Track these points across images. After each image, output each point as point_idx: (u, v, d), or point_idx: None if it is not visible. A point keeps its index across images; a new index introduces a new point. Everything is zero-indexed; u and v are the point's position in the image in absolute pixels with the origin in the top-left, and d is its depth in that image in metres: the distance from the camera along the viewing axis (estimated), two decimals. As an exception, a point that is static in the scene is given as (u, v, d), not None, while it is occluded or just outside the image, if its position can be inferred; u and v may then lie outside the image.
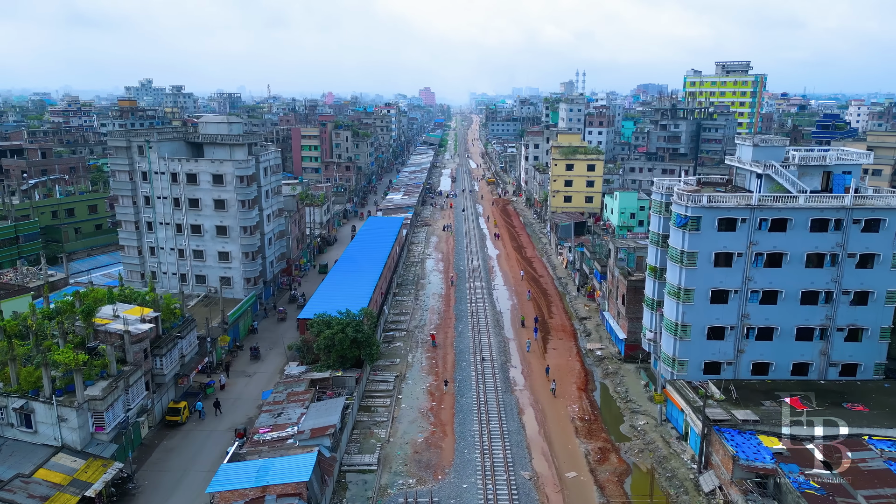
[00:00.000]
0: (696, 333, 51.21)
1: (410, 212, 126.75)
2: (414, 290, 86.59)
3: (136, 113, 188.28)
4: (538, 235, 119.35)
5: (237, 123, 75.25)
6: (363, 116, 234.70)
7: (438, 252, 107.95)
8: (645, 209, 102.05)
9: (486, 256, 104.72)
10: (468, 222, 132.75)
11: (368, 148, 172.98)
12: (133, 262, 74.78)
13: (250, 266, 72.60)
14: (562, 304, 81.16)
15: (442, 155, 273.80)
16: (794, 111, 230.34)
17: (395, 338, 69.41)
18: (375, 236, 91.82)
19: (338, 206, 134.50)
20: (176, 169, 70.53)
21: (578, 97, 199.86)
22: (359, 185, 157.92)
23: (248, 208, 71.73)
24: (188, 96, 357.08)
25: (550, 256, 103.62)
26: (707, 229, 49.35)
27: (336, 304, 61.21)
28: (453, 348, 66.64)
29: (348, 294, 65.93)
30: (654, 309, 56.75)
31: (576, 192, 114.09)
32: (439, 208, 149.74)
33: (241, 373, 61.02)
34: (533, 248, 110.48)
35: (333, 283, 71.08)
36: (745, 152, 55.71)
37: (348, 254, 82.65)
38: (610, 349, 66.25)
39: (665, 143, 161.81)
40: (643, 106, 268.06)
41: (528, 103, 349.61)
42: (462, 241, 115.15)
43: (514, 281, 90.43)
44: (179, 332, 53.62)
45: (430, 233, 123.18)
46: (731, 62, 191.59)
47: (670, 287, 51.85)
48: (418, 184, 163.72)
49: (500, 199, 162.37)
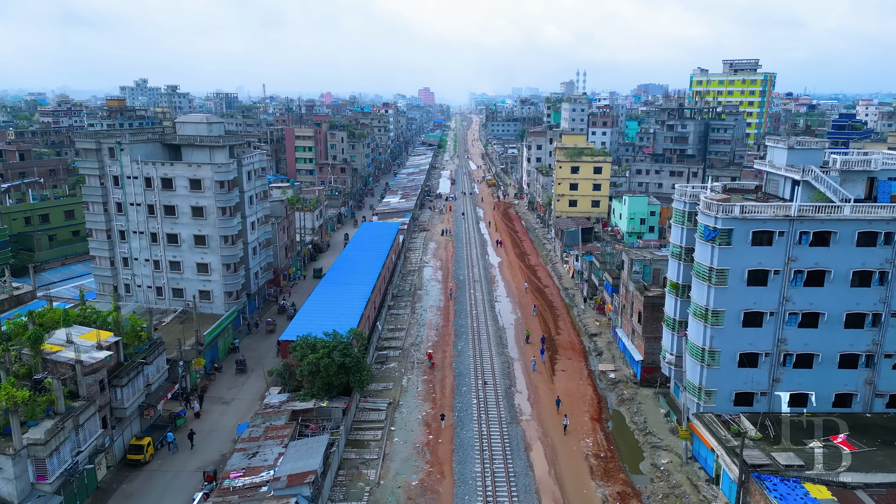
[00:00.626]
0: (725, 360, 45.42)
1: (408, 216, 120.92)
2: (410, 301, 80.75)
3: (126, 113, 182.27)
4: (542, 241, 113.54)
5: (217, 124, 69.44)
6: (360, 117, 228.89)
7: (437, 259, 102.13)
8: (656, 214, 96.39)
9: (487, 264, 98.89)
10: (468, 227, 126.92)
11: (365, 149, 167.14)
12: (105, 274, 68.93)
13: (232, 278, 66.76)
14: (569, 318, 75.31)
15: (441, 156, 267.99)
16: (803, 111, 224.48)
17: (388, 358, 63.56)
18: (369, 244, 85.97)
19: (332, 209, 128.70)
20: (150, 173, 64.70)
21: (581, 97, 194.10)
22: (354, 188, 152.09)
23: (230, 216, 65.90)
24: (183, 96, 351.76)
25: (555, 264, 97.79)
26: (739, 243, 43.54)
27: (323, 323, 55.39)
28: (452, 370, 60.79)
29: (337, 311, 60.08)
30: (676, 330, 50.95)
31: (581, 196, 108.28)
32: (438, 212, 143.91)
33: (218, 399, 55.18)
34: (537, 256, 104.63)
35: (321, 297, 65.16)
36: (778, 155, 49.90)
37: (339, 264, 76.74)
38: (624, 371, 60.42)
39: (672, 144, 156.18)
40: (647, 106, 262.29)
41: (529, 103, 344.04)
42: (462, 248, 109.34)
43: (518, 292, 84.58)
44: (144, 358, 47.77)
45: (428, 238, 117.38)
46: (738, 60, 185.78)
47: (696, 307, 46.05)
48: (416, 186, 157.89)
49: (501, 203, 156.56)
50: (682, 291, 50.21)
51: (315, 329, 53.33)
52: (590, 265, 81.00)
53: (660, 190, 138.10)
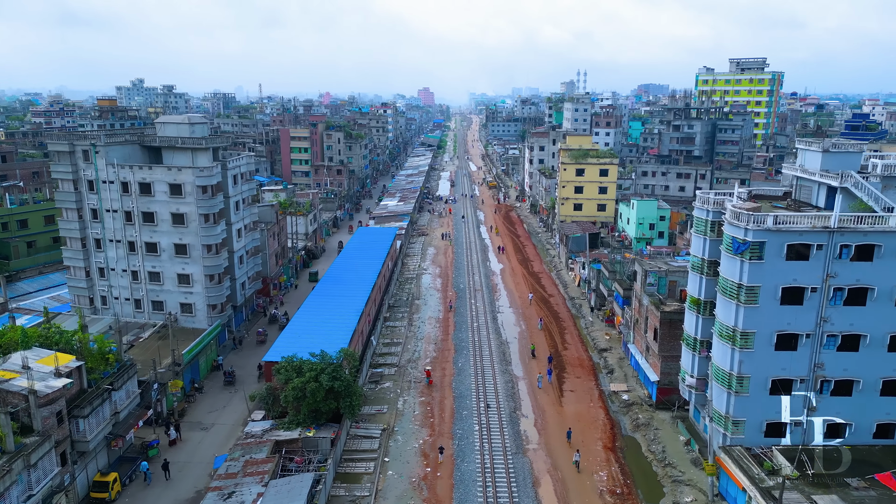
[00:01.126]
0: (756, 387, 40.91)
1: (406, 220, 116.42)
2: (408, 313, 76.21)
3: (117, 113, 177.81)
4: (545, 246, 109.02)
5: (200, 124, 64.88)
6: (358, 117, 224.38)
7: (436, 266, 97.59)
8: (666, 219, 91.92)
9: (488, 271, 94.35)
10: (468, 231, 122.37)
11: (362, 150, 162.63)
12: (80, 286, 64.35)
13: (215, 290, 62.18)
14: (576, 331, 70.77)
15: (441, 157, 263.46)
16: (811, 111, 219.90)
17: (383, 377, 59.00)
18: (364, 251, 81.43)
19: (327, 213, 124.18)
20: (127, 177, 60.16)
21: (584, 96, 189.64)
22: (351, 190, 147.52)
23: (213, 223, 61.36)
24: (180, 96, 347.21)
25: (560, 272, 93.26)
26: (772, 258, 39.03)
27: (311, 342, 50.90)
28: (452, 390, 56.24)
29: (327, 327, 55.55)
30: (697, 350, 46.47)
31: (587, 200, 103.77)
32: (437, 215, 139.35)
33: (197, 424, 50.64)
34: (540, 262, 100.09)
35: (310, 312, 60.57)
36: (811, 159, 45.40)
37: (331, 274, 72.17)
38: (638, 391, 55.88)
39: (678, 145, 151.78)
40: (649, 106, 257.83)
41: (530, 103, 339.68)
42: (462, 253, 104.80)
43: (522, 302, 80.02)
44: (112, 384, 43.23)
45: (427, 243, 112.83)
46: (745, 59, 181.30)
47: (722, 328, 41.55)
48: (415, 188, 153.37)
49: (502, 205, 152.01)
50: (704, 308, 45.75)
51: (302, 348, 48.85)
52: (598, 274, 76.48)
53: (666, 192, 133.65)
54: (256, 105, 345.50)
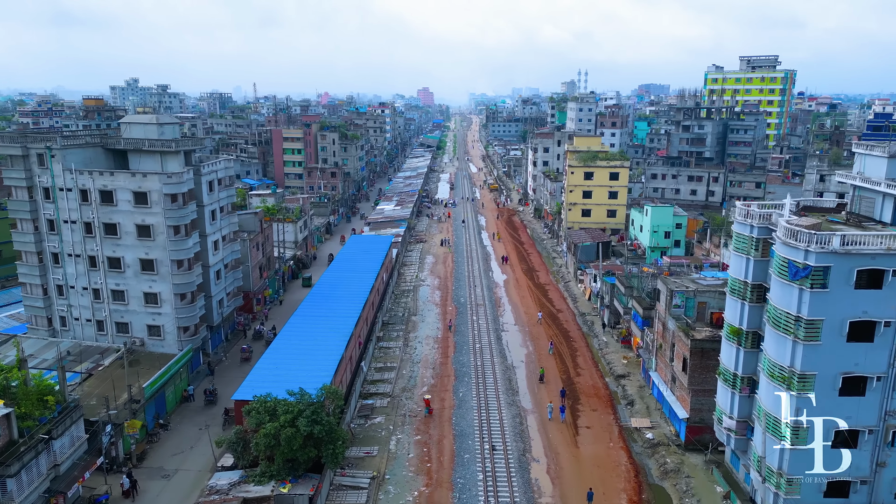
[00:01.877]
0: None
1: (403, 226, 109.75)
2: (403, 331, 69.53)
3: (104, 113, 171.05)
4: (551, 255, 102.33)
5: (171, 125, 58.22)
6: (355, 117, 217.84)
7: (434, 276, 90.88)
8: (682, 227, 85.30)
9: (491, 283, 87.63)
10: (469, 238, 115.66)
11: (358, 151, 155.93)
12: (37, 305, 57.62)
13: (186, 311, 55.46)
14: (589, 353, 64.08)
15: (440, 158, 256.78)
16: (823, 111, 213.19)
17: (374, 409, 52.28)
18: (357, 263, 74.72)
19: (320, 218, 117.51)
20: (86, 184, 53.46)
21: (588, 95, 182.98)
22: (346, 194, 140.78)
23: (184, 235, 54.66)
24: (174, 96, 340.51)
25: (568, 283, 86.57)
26: (839, 286, 32.41)
27: (289, 375, 44.32)
28: (452, 426, 49.55)
29: (309, 356, 48.87)
30: (738, 388, 39.85)
31: (596, 205, 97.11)
32: (437, 220, 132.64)
33: (158, 471, 43.95)
34: (546, 272, 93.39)
35: (292, 337, 53.82)
36: (872, 165, 38.75)
37: (319, 290, 65.40)
38: (663, 428, 49.22)
39: (688, 146, 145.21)
40: (654, 106, 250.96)
41: (531, 103, 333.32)
42: (462, 262, 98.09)
43: (528, 319, 73.30)
44: (49, 432, 36.57)
45: (425, 251, 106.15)
46: (757, 57, 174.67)
47: (773, 367, 34.91)
48: (413, 191, 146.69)
49: (504, 209, 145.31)
50: (746, 340, 39.11)
51: (278, 384, 42.19)
52: (611, 288, 69.79)
53: (677, 196, 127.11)
54: (251, 105, 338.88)
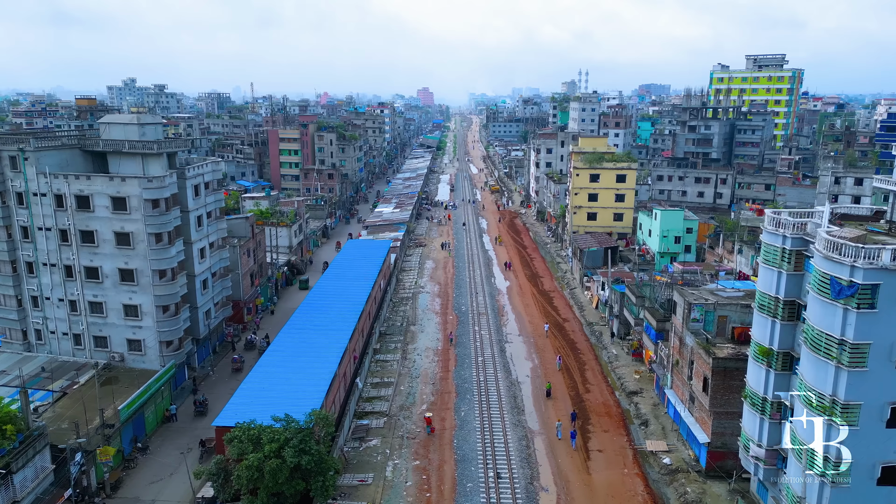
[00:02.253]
0: (860, 475, 30.73)
1: (402, 230, 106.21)
2: (402, 342, 65.96)
3: (97, 113, 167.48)
4: (555, 260, 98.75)
5: (153, 125, 54.67)
6: (353, 117, 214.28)
7: (434, 283, 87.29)
8: (693, 231, 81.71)
9: (493, 289, 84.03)
10: (470, 241, 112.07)
11: (356, 152, 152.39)
12: (11, 317, 54.01)
13: (169, 324, 51.88)
14: (598, 367, 60.51)
15: (440, 159, 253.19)
16: (831, 111, 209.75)
17: (369, 430, 48.70)
18: (352, 270, 71.14)
19: (317, 221, 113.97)
20: (61, 189, 49.91)
21: (591, 95, 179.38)
22: (344, 196, 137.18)
23: (166, 243, 51.09)
24: (171, 96, 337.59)
25: (574, 290, 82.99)
26: (889, 306, 28.88)
27: (276, 397, 40.81)
28: (453, 449, 45.99)
29: (299, 375, 45.29)
30: (767, 414, 36.30)
31: (602, 209, 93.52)
32: (437, 223, 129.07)
33: (134, 501, 40.39)
34: (551, 278, 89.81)
35: (281, 352, 50.21)
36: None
37: (311, 300, 61.74)
38: (681, 452, 45.65)
39: (694, 147, 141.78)
40: (657, 106, 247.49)
41: (532, 103, 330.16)
42: (463, 268, 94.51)
43: (533, 329, 69.74)
44: (8, 465, 33.01)
45: (425, 255, 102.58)
46: (763, 55, 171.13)
47: (810, 395, 31.35)
48: (413, 193, 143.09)
49: (506, 212, 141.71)
50: (776, 361, 35.59)
51: (263, 408, 38.65)
52: (621, 297, 66.19)
53: (683, 199, 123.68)
54: (248, 105, 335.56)
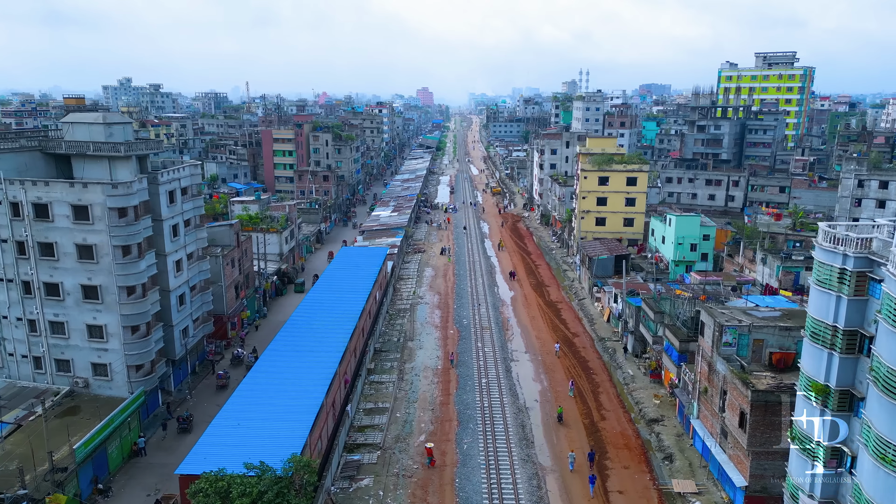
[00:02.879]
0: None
1: (400, 235, 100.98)
2: (398, 360, 60.73)
3: (84, 112, 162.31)
4: (561, 267, 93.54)
5: (121, 124, 49.38)
6: (351, 117, 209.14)
7: (434, 293, 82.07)
8: (710, 238, 76.53)
9: (497, 300, 78.79)
10: (471, 247, 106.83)
11: (353, 153, 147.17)
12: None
13: (139, 346, 46.69)
14: (613, 389, 55.27)
15: (440, 159, 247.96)
16: (842, 110, 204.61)
17: (361, 467, 43.45)
18: (346, 281, 65.92)
19: (311, 226, 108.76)
20: (17, 196, 44.71)
21: (595, 94, 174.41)
22: (339, 199, 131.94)
23: (135, 256, 45.89)
24: (166, 95, 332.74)
25: (583, 301, 77.77)
26: None
27: (251, 438, 35.54)
28: (455, 491, 40.74)
29: (279, 409, 40.00)
30: (822, 461, 31.09)
31: (611, 213, 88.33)
32: (436, 226, 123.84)
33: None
34: (558, 287, 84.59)
35: (261, 380, 44.82)
36: None
37: (299, 318, 56.35)
38: (713, 494, 40.42)
39: (704, 148, 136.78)
40: (662, 105, 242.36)
41: (533, 103, 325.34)
42: (465, 276, 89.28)
43: (541, 345, 64.53)
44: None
45: (424, 262, 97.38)
46: (773, 53, 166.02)
47: (886, 447, 26.18)
48: (411, 196, 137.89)
49: (509, 215, 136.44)
50: (833, 401, 30.40)
51: (237, 451, 33.43)
52: (636, 311, 60.98)
53: (693, 201, 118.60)
54: (244, 105, 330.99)
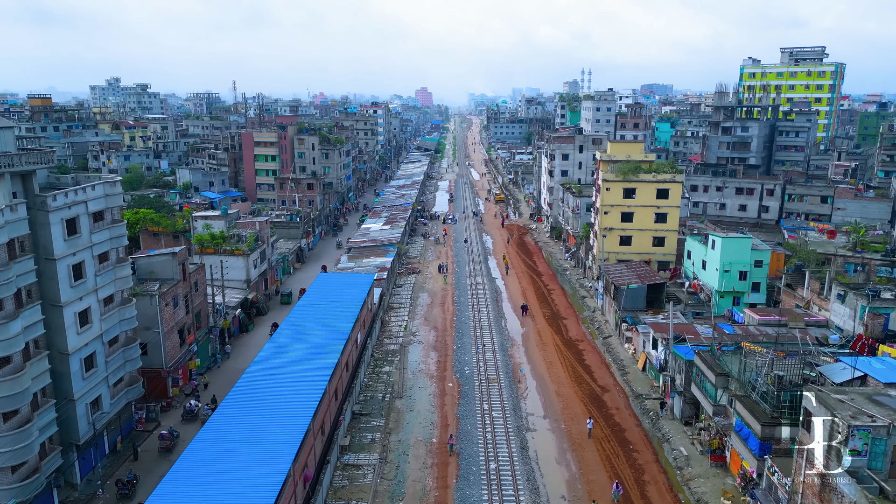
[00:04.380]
0: None
1: (391, 253, 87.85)
2: (382, 430, 47.44)
3: (52, 113, 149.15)
4: (577, 291, 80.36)
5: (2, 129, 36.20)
6: (343, 118, 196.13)
7: (429, 327, 68.86)
8: (763, 265, 63.37)
9: (505, 339, 65.57)
10: (473, 266, 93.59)
11: (342, 157, 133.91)
12: None
13: (14, 439, 33.39)
14: (663, 477, 41.93)
15: (438, 163, 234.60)
16: (872, 110, 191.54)
17: None
18: (317, 325, 52.46)
19: (291, 241, 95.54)
20: None
21: (606, 93, 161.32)
22: (326, 209, 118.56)
23: (4, 315, 32.68)
24: (154, 96, 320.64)
25: (609, 340, 64.57)
26: None
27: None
28: None
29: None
30: None
31: (638, 231, 75.14)
32: (433, 240, 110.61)
33: None
34: (576, 319, 71.43)
35: (185, 481, 31.59)
36: None
37: (252, 380, 42.65)
38: None
39: (729, 152, 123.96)
40: (670, 105, 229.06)
41: (535, 103, 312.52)
42: (466, 305, 76.02)
43: (563, 405, 51.24)
44: None
45: (418, 285, 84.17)
46: (801, 48, 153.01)
47: None
48: (406, 205, 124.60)
49: (515, 226, 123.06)
50: None
51: None
52: (688, 368, 47.68)
53: (722, 212, 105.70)
54: (232, 106, 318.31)
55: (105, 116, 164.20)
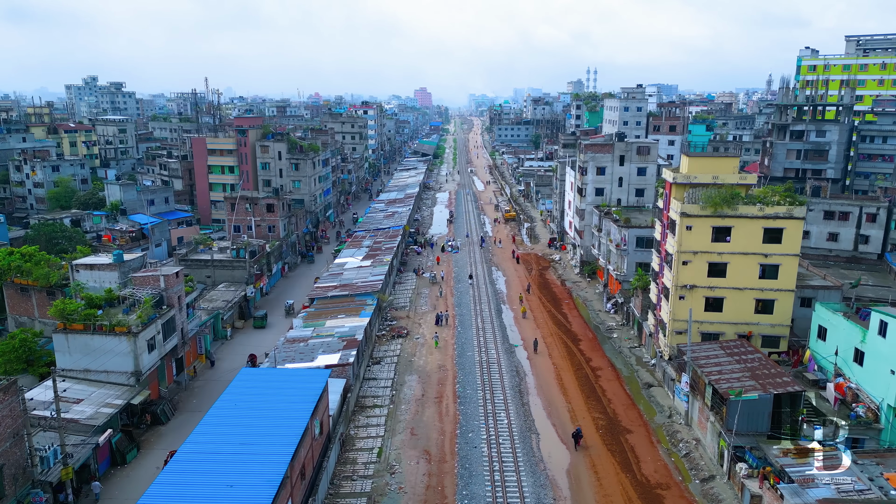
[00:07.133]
0: None
1: (369, 308, 62.80)
2: None
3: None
4: (633, 369, 55.17)
5: None
6: (328, 120, 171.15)
7: (418, 454, 43.57)
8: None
9: (540, 483, 40.26)
10: (482, 324, 68.17)
11: (317, 168, 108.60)
12: None
13: None
14: None
15: (437, 170, 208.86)
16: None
17: None
18: (229, 465, 27.23)
19: (234, 288, 70.35)
20: None
21: (636, 90, 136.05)
22: (290, 236, 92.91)
23: None
24: (129, 95, 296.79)
25: (710, 484, 39.21)
26: None
27: None
28: None
29: None
30: None
31: (734, 291, 49.90)
32: (428, 278, 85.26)
33: None
34: (648, 435, 46.01)
35: None
36: None
37: None
38: None
39: (801, 162, 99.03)
40: (708, 105, 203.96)
41: (542, 103, 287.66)
42: (476, 402, 50.75)
43: None
44: None
45: (404, 361, 58.93)
46: (869, 36, 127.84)
47: None
48: (396, 228, 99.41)
49: (532, 257, 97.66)
50: None
51: None
52: None
53: (804, 242, 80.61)
54: (203, 106, 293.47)
55: (42, 118, 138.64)
